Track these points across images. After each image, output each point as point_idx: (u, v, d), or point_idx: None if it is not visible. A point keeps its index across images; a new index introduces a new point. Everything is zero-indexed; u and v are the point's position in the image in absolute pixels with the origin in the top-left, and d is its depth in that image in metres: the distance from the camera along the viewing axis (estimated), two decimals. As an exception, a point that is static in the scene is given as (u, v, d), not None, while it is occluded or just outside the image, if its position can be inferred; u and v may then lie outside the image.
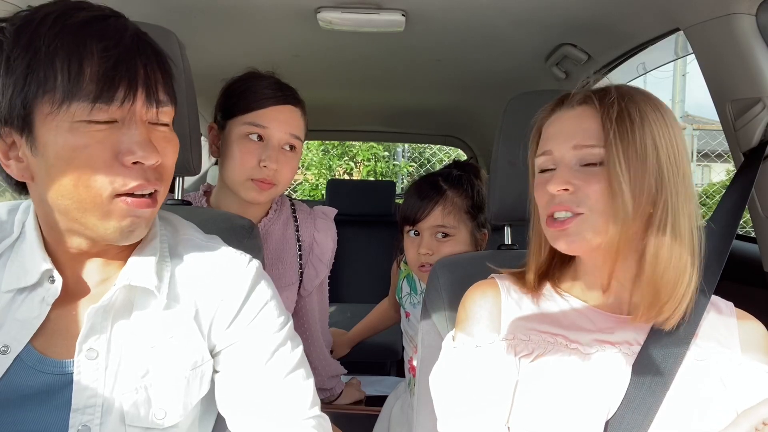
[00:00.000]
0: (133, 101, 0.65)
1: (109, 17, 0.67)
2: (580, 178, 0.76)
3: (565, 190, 0.76)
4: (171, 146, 0.72)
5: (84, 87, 0.63)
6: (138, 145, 0.66)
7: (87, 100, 0.63)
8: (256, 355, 0.78)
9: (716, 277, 0.83)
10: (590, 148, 0.76)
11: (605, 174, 0.75)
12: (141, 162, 0.66)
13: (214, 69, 1.35)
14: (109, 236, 0.68)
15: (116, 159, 0.65)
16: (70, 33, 0.63)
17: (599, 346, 0.79)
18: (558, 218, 0.77)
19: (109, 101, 0.64)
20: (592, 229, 0.75)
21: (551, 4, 1.19)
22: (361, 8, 1.23)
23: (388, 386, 1.78)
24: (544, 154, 0.81)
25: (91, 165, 0.64)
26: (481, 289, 0.87)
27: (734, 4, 0.96)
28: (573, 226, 0.76)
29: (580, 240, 0.76)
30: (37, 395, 0.68)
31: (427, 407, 0.94)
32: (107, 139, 0.65)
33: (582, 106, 0.79)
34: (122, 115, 0.66)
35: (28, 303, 0.71)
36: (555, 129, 0.81)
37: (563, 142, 0.78)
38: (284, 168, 1.21)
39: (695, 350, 0.78)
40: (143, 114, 0.67)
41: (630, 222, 0.74)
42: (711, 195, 5.40)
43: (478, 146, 2.79)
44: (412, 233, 1.34)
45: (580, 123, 0.78)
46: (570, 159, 0.77)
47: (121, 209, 0.67)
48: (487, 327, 0.83)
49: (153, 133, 0.69)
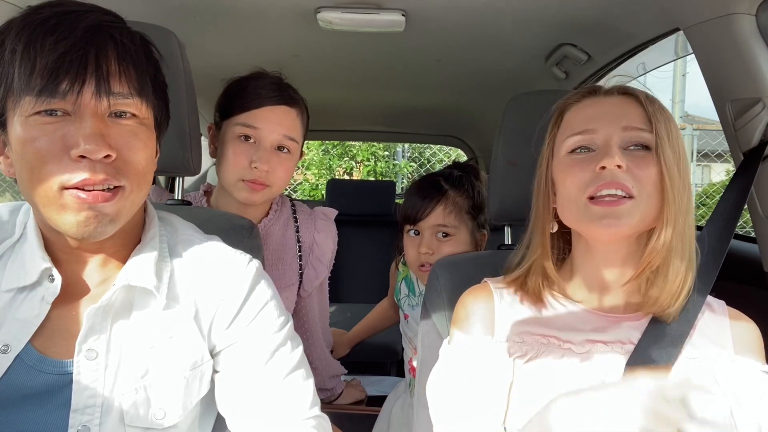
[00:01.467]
0: (79, 93, 0.64)
1: (72, 13, 0.65)
2: (630, 160, 0.75)
3: (618, 167, 0.73)
4: (137, 140, 0.69)
5: (32, 82, 0.63)
6: (84, 138, 0.63)
7: (32, 94, 0.63)
8: (256, 355, 0.78)
9: (713, 277, 0.84)
10: (640, 131, 0.76)
11: (654, 160, 0.74)
12: (86, 156, 0.64)
13: (214, 69, 1.35)
14: (71, 231, 0.67)
15: (65, 152, 0.64)
16: (29, 30, 0.64)
17: (591, 346, 0.79)
18: (607, 196, 0.73)
19: (53, 94, 0.63)
20: (641, 215, 0.74)
21: (551, 4, 1.19)
22: (361, 8, 1.23)
23: (388, 386, 1.78)
24: (582, 134, 0.79)
25: (40, 158, 0.64)
26: (473, 293, 0.88)
27: (734, 4, 0.96)
28: (625, 207, 0.73)
29: (630, 222, 0.73)
30: (36, 395, 0.68)
31: (426, 407, 0.94)
32: (55, 133, 0.64)
33: (623, 95, 0.80)
34: (73, 108, 0.64)
35: (29, 302, 0.71)
36: (596, 110, 0.80)
37: (610, 122, 0.77)
38: (277, 169, 1.20)
39: (689, 349, 0.79)
40: (94, 106, 0.65)
41: (680, 216, 0.74)
42: (711, 195, 5.40)
43: (478, 146, 2.79)
44: (413, 232, 1.34)
45: (626, 107, 0.78)
46: (618, 139, 0.76)
47: (73, 203, 0.65)
48: (481, 331, 0.83)
49: (113, 127, 0.67)
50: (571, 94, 0.84)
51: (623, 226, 0.73)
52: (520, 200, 0.97)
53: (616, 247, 0.79)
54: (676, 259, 0.76)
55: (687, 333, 0.79)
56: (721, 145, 5.49)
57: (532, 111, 0.87)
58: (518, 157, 1.03)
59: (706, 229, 0.88)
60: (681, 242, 0.76)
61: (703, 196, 5.43)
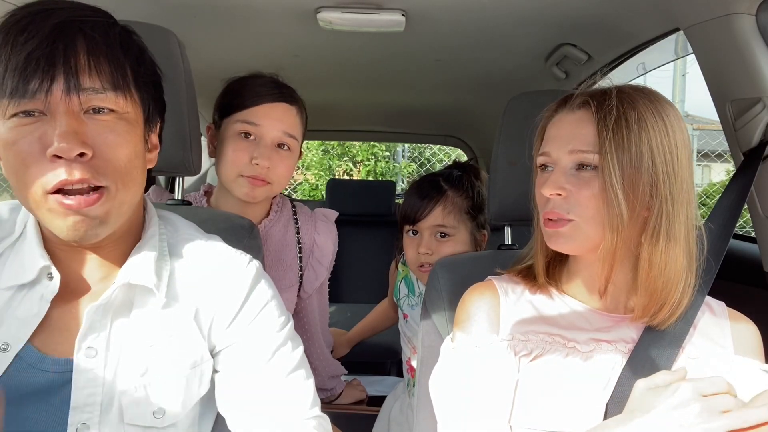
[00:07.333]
0: (48, 92, 0.62)
1: (44, 11, 0.64)
2: (573, 183, 0.77)
3: (557, 194, 0.77)
4: (115, 136, 0.66)
5: (5, 83, 0.62)
6: (57, 137, 0.61)
7: (6, 96, 0.62)
8: (256, 355, 0.78)
9: (712, 277, 0.84)
10: (585, 154, 0.77)
11: (599, 180, 0.75)
12: (60, 155, 0.62)
13: (214, 69, 1.35)
14: (63, 235, 0.66)
15: (43, 154, 0.62)
16: (4, 33, 0.63)
17: (595, 345, 0.80)
18: (552, 219, 0.79)
19: (23, 94, 0.61)
20: (584, 235, 0.77)
21: (551, 4, 1.19)
22: (361, 8, 1.23)
23: (388, 386, 1.78)
24: (544, 155, 0.82)
25: (21, 161, 0.63)
26: (479, 291, 0.88)
27: (734, 4, 0.96)
28: (566, 229, 0.78)
29: (572, 243, 0.79)
30: (36, 393, 0.68)
31: (427, 408, 0.94)
32: (32, 134, 0.62)
33: (581, 110, 0.79)
34: (45, 107, 0.63)
35: (28, 300, 0.71)
36: (554, 131, 0.82)
37: (561, 145, 0.79)
38: (278, 166, 1.19)
39: (689, 348, 0.79)
40: (66, 103, 0.63)
41: (625, 228, 0.75)
42: (711, 195, 5.40)
43: (478, 146, 2.79)
44: (412, 233, 1.34)
45: (577, 128, 0.78)
46: (566, 163, 0.79)
47: (58, 208, 0.64)
48: (486, 328, 0.83)
49: (89, 124, 0.64)
50: (548, 108, 0.86)
51: (568, 245, 0.79)
52: (520, 200, 0.98)
53: (601, 258, 0.79)
54: (654, 270, 0.76)
55: (686, 332, 0.79)
56: (721, 145, 5.49)
57: (532, 111, 0.87)
58: (518, 157, 1.03)
59: (705, 229, 0.88)
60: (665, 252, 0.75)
61: (703, 196, 5.43)
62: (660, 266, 0.76)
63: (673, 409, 0.65)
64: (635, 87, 0.80)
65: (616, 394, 0.76)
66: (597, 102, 0.77)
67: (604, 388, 0.77)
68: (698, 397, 0.65)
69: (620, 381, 0.76)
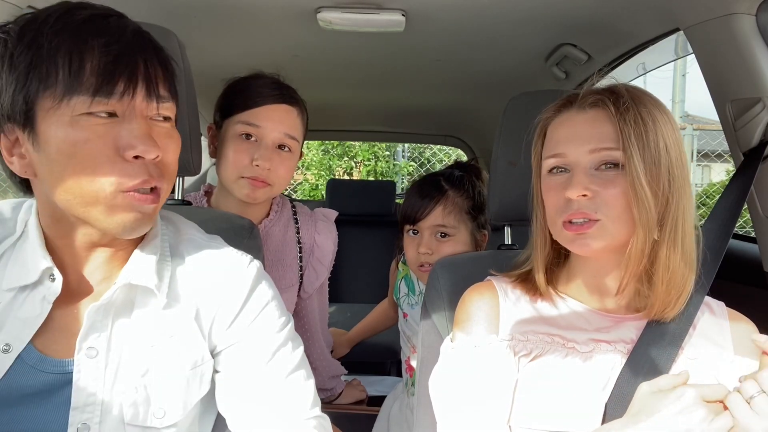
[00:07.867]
0: (132, 95, 0.66)
1: (110, 16, 0.68)
2: (597, 182, 0.76)
3: (583, 195, 0.76)
4: (172, 142, 0.72)
5: (84, 81, 0.63)
6: (138, 139, 0.66)
7: (87, 94, 0.63)
8: (256, 356, 0.78)
9: (712, 276, 0.84)
10: (608, 151, 0.76)
11: (623, 178, 0.75)
12: (142, 156, 0.66)
13: (214, 69, 1.35)
14: (113, 230, 0.69)
15: (118, 154, 0.66)
16: (72, 30, 0.64)
17: (595, 345, 0.80)
18: (576, 222, 0.77)
19: (109, 95, 0.64)
20: (610, 235, 0.76)
21: (551, 4, 1.19)
22: (361, 8, 1.23)
23: (388, 386, 1.78)
24: (556, 157, 0.80)
25: (93, 159, 0.65)
26: (478, 291, 0.88)
27: (734, 4, 0.96)
28: (593, 230, 0.76)
29: (598, 243, 0.76)
30: (37, 394, 0.68)
31: (426, 407, 0.94)
32: (108, 134, 0.65)
33: (594, 108, 0.79)
34: (122, 110, 0.66)
35: (30, 301, 0.71)
36: (567, 132, 0.80)
37: (579, 145, 0.78)
38: (279, 168, 1.19)
39: (688, 349, 0.79)
40: (143, 109, 0.68)
41: (654, 225, 0.75)
42: (711, 195, 5.40)
43: (478, 146, 2.79)
44: (412, 232, 1.34)
45: (594, 126, 0.78)
46: (586, 163, 0.77)
47: (127, 205, 0.67)
48: (486, 328, 0.83)
49: (153, 129, 0.69)
50: (549, 109, 0.85)
51: (594, 246, 0.77)
52: (520, 200, 0.97)
53: (607, 256, 0.79)
54: (672, 264, 0.76)
55: (686, 332, 0.79)
56: (721, 145, 5.49)
57: (532, 111, 0.87)
58: (518, 157, 1.03)
59: (704, 227, 0.89)
60: (669, 249, 0.76)
61: (703, 196, 5.43)
62: (675, 262, 0.76)
63: (678, 414, 0.66)
64: (635, 87, 0.81)
65: (615, 395, 0.76)
66: (612, 100, 0.77)
67: (604, 388, 0.77)
68: (702, 402, 0.67)
69: (620, 381, 0.77)
